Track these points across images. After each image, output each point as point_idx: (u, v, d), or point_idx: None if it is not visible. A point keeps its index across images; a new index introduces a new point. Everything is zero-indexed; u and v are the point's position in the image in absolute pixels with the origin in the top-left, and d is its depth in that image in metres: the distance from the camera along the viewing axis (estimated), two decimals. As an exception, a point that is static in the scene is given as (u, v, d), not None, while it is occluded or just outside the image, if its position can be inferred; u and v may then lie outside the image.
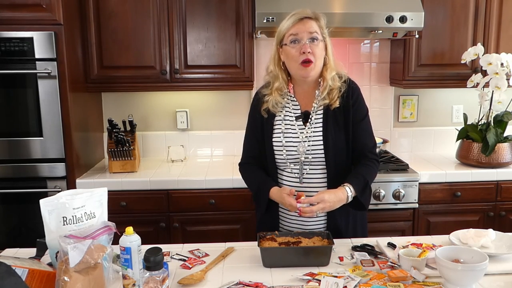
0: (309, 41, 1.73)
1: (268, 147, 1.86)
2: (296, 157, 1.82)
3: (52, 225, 1.37)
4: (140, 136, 3.15)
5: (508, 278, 1.47)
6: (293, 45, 1.75)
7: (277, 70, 1.83)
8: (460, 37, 2.89)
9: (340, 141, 1.81)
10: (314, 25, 1.75)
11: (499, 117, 2.79)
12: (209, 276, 1.51)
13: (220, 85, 2.89)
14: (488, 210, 2.79)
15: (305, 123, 1.83)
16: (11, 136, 2.55)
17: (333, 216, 1.84)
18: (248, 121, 1.96)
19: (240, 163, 1.99)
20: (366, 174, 1.80)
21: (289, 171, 1.85)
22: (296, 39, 1.74)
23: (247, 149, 1.97)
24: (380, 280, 1.44)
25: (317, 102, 1.83)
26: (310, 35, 1.73)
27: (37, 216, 1.38)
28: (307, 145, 1.80)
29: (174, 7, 2.76)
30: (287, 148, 1.82)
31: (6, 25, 2.44)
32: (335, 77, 1.82)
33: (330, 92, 1.80)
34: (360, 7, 2.66)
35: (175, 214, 2.67)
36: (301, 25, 1.74)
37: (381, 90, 3.27)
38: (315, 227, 1.86)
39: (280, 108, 1.85)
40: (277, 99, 1.83)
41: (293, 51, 1.75)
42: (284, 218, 1.91)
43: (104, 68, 2.81)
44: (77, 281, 1.26)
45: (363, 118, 1.86)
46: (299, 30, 1.74)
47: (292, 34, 1.74)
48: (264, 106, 1.86)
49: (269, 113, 1.86)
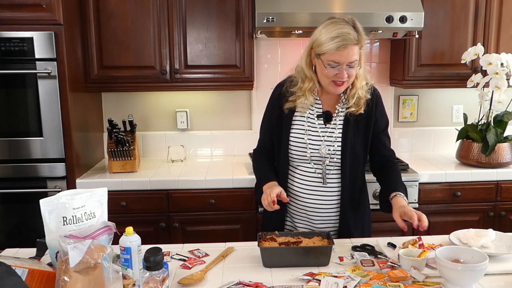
0: (347, 68, 1.70)
1: (284, 143, 1.85)
2: (317, 156, 1.82)
3: (52, 225, 1.37)
4: (140, 136, 3.15)
5: (508, 278, 1.47)
6: (330, 68, 1.70)
7: (310, 72, 1.79)
8: (460, 37, 2.89)
9: (358, 146, 1.82)
10: (356, 51, 1.68)
11: (499, 117, 2.79)
12: (209, 276, 1.51)
13: (220, 85, 2.89)
14: (488, 210, 2.79)
15: (326, 123, 1.83)
16: (11, 136, 2.55)
17: (344, 215, 1.85)
18: (266, 111, 1.95)
19: (254, 149, 2.02)
20: (398, 177, 1.87)
21: (303, 169, 1.85)
22: (335, 65, 1.69)
23: (261, 139, 2.00)
24: (380, 280, 1.44)
25: (341, 106, 1.83)
26: (350, 63, 1.69)
27: (37, 216, 1.38)
28: (326, 146, 1.80)
29: (174, 7, 2.76)
30: (309, 147, 1.82)
31: (6, 25, 2.44)
32: (364, 87, 1.80)
33: (358, 100, 1.80)
34: (360, 7, 2.66)
35: (175, 214, 2.67)
36: (345, 53, 1.66)
37: (381, 90, 3.19)
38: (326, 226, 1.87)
39: (306, 109, 1.84)
40: (309, 100, 1.81)
41: (330, 72, 1.71)
42: (293, 216, 1.91)
43: (104, 68, 2.81)
44: (77, 281, 1.26)
45: (384, 128, 1.89)
46: (340, 60, 1.67)
47: (334, 61, 1.68)
48: (289, 104, 1.83)
49: (289, 110, 1.85)
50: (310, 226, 1.88)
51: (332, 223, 1.88)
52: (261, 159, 1.96)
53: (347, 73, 1.70)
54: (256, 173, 1.96)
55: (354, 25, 1.69)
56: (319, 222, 1.87)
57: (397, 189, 1.79)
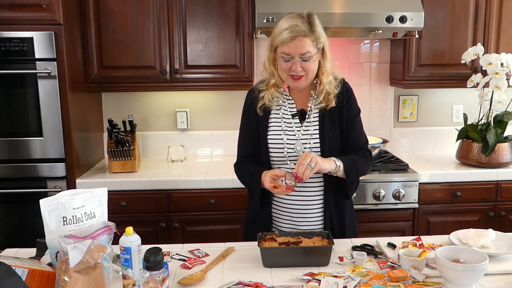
0: (300, 60, 1.71)
1: (262, 145, 1.85)
2: (294, 154, 1.81)
3: (52, 225, 1.37)
4: (140, 136, 3.15)
5: (508, 278, 1.48)
6: (284, 61, 1.73)
7: (272, 68, 1.83)
8: (460, 37, 2.89)
9: (336, 139, 1.83)
10: (308, 43, 1.69)
11: (499, 117, 2.79)
12: (209, 276, 1.51)
13: (220, 85, 2.89)
14: (488, 210, 2.79)
15: (301, 121, 1.84)
16: (11, 136, 2.55)
17: (329, 216, 1.85)
18: (242, 120, 1.95)
19: (235, 163, 1.97)
20: (355, 157, 1.81)
21: (286, 169, 1.83)
22: (288, 58, 1.72)
23: (241, 149, 1.96)
24: (380, 280, 1.44)
25: (313, 102, 1.84)
26: (302, 55, 1.71)
27: (37, 216, 1.38)
28: (302, 143, 1.80)
29: (174, 7, 2.76)
30: (287, 146, 1.82)
31: (6, 25, 2.44)
32: (332, 81, 1.82)
33: (327, 95, 1.81)
34: (360, 7, 2.66)
35: (175, 214, 2.67)
36: (293, 45, 1.68)
37: (381, 90, 3.27)
38: (310, 227, 1.85)
39: (276, 105, 1.85)
40: (273, 94, 1.84)
41: (284, 65, 1.74)
42: (277, 218, 1.89)
43: (104, 68, 2.81)
44: (77, 281, 1.26)
45: (355, 115, 1.87)
46: (290, 51, 1.70)
47: (284, 53, 1.71)
48: (260, 103, 1.85)
49: (264, 111, 1.86)
50: (295, 228, 1.84)
51: (318, 224, 1.85)
52: (245, 164, 1.91)
53: (302, 67, 1.72)
54: (245, 178, 1.89)
55: (309, 18, 1.71)
56: (304, 223, 1.85)
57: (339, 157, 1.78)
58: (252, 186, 1.83)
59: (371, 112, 3.27)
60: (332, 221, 1.86)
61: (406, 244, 1.64)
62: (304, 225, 1.85)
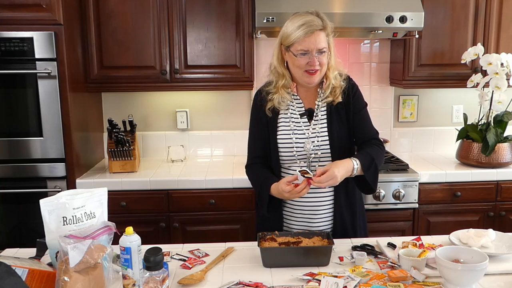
0: (317, 54, 1.74)
1: (272, 146, 1.87)
2: (303, 154, 1.83)
3: (52, 225, 1.37)
4: (140, 136, 3.15)
5: (508, 278, 1.48)
6: (301, 56, 1.75)
7: (281, 69, 1.84)
8: (460, 37, 2.89)
9: (344, 135, 1.85)
10: (323, 37, 1.75)
11: (499, 117, 2.79)
12: (209, 276, 1.52)
13: (220, 85, 2.89)
14: (488, 210, 2.79)
15: (310, 120, 1.85)
16: (11, 136, 2.55)
17: (340, 214, 1.86)
18: (251, 121, 1.96)
19: (246, 165, 1.99)
20: (372, 152, 1.80)
21: (295, 169, 1.84)
22: (305, 53, 1.74)
23: (252, 150, 1.97)
24: (380, 280, 1.44)
25: (320, 100, 1.86)
26: (319, 50, 1.74)
27: (37, 216, 1.38)
28: (311, 142, 1.82)
29: (174, 7, 2.76)
30: (296, 146, 1.83)
31: (6, 25, 2.44)
32: (337, 76, 1.85)
33: (333, 90, 1.84)
34: (360, 7, 2.66)
35: (175, 214, 2.67)
36: (312, 39, 1.72)
37: (381, 90, 3.27)
38: (322, 226, 1.87)
39: (285, 106, 1.87)
40: (283, 96, 1.85)
41: (301, 61, 1.76)
42: (289, 218, 1.91)
43: (104, 68, 2.81)
44: (77, 281, 1.26)
45: (362, 108, 1.89)
46: (309, 46, 1.72)
47: (302, 49, 1.73)
48: (269, 104, 1.87)
49: (272, 112, 1.87)
50: (308, 227, 1.87)
51: (328, 222, 1.88)
52: (257, 168, 1.92)
53: (318, 61, 1.75)
54: (256, 183, 1.90)
55: (318, 14, 1.76)
56: (317, 222, 1.86)
57: (356, 155, 1.78)
58: (261, 193, 1.86)
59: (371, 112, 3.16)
60: (343, 217, 1.87)
61: (406, 244, 1.64)
62: (317, 223, 1.87)
